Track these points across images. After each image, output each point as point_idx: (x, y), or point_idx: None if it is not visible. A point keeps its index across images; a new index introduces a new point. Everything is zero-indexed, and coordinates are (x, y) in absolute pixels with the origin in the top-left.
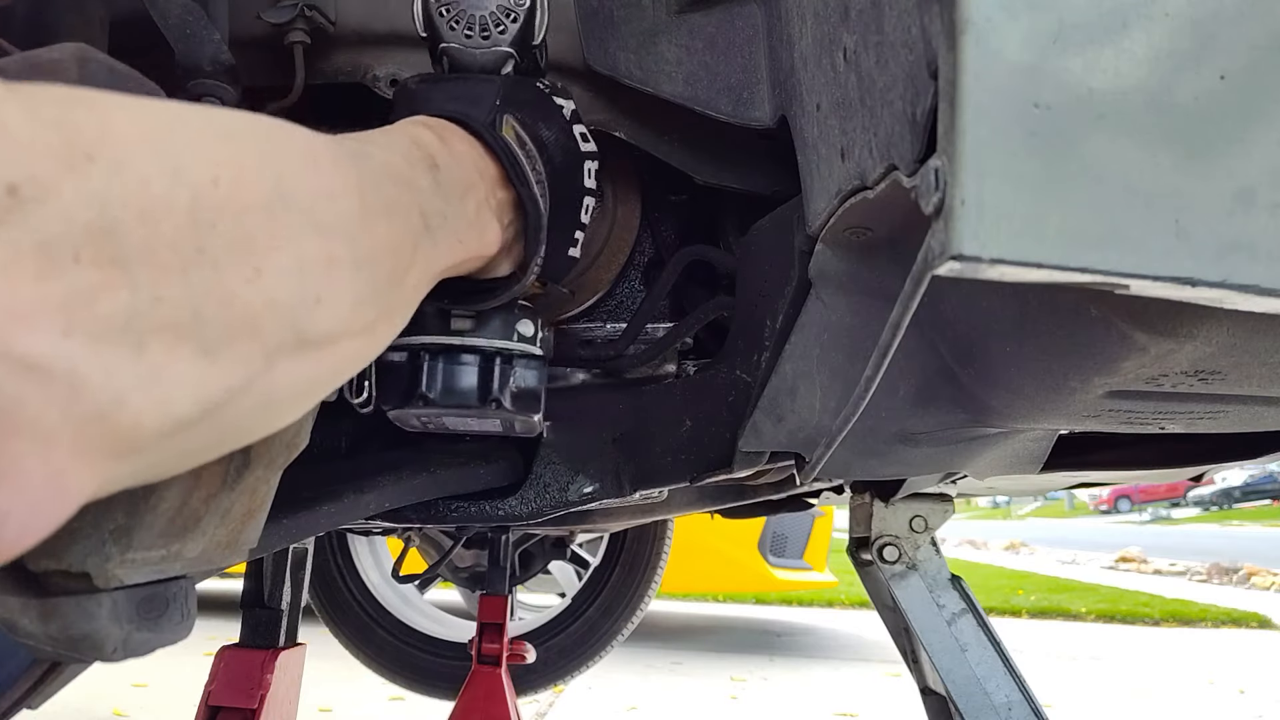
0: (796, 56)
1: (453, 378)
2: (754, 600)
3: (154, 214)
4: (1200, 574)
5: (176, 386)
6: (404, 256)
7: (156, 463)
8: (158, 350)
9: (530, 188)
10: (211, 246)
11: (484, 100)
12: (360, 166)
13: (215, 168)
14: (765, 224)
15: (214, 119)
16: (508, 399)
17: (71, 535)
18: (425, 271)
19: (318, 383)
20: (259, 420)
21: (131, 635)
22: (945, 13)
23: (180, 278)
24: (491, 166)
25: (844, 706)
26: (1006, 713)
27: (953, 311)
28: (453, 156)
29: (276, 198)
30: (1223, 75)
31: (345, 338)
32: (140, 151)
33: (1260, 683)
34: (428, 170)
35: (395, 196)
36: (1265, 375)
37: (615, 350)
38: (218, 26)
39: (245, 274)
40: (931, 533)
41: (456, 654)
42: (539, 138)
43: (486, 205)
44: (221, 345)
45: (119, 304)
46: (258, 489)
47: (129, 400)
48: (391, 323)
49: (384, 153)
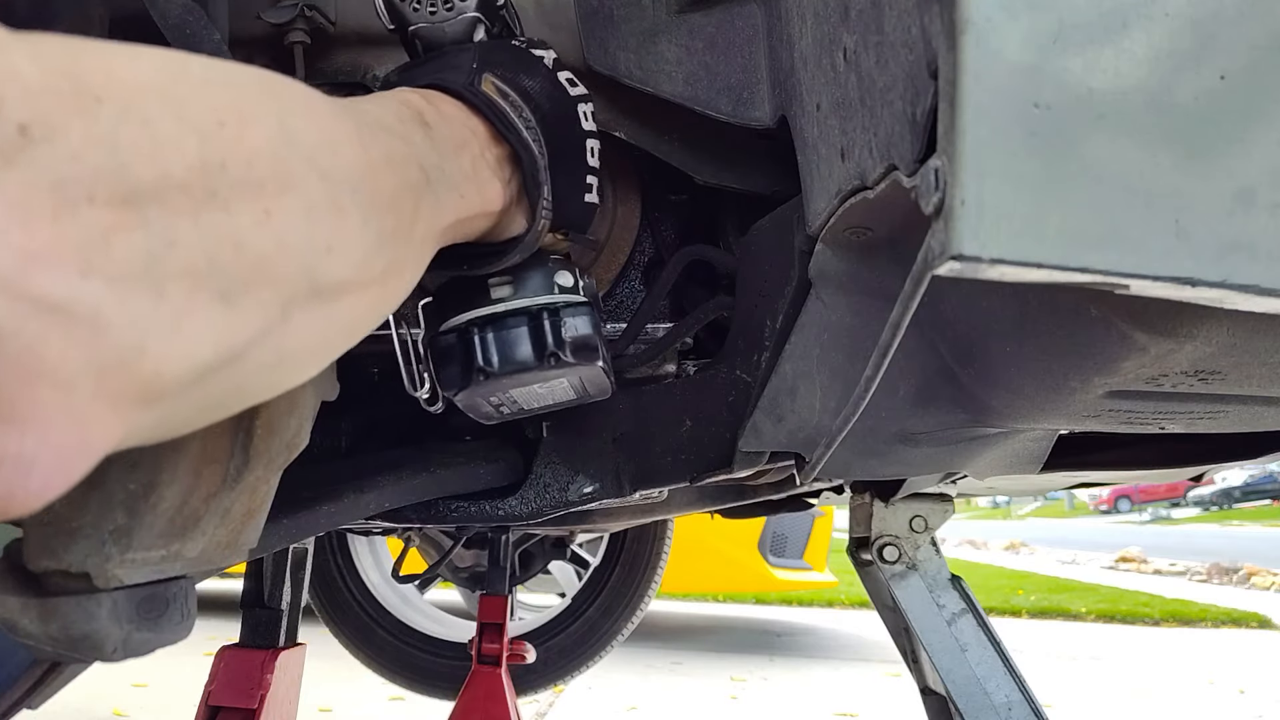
0: (796, 56)
1: (506, 343)
2: (754, 600)
3: (163, 156)
4: (1200, 574)
5: (198, 332)
6: (407, 208)
7: (175, 415)
8: (177, 295)
9: (519, 133)
10: (221, 189)
11: (462, 65)
12: (358, 119)
13: (220, 111)
14: (765, 224)
15: (217, 67)
16: (566, 351)
17: (71, 535)
18: (431, 226)
19: (332, 337)
20: (275, 375)
21: (131, 635)
22: (945, 13)
23: (193, 221)
24: (480, 124)
25: (844, 706)
26: (1006, 713)
27: (953, 311)
28: (441, 116)
29: (282, 142)
30: (1223, 75)
31: (357, 288)
32: (147, 95)
33: (1260, 683)
34: (419, 127)
35: (394, 148)
36: (1265, 375)
37: (615, 350)
38: (218, 26)
39: (256, 217)
40: (931, 533)
41: (456, 654)
42: (522, 88)
43: (483, 161)
44: (238, 291)
45: (136, 246)
46: (258, 489)
47: (151, 345)
48: (402, 277)
49: (376, 108)
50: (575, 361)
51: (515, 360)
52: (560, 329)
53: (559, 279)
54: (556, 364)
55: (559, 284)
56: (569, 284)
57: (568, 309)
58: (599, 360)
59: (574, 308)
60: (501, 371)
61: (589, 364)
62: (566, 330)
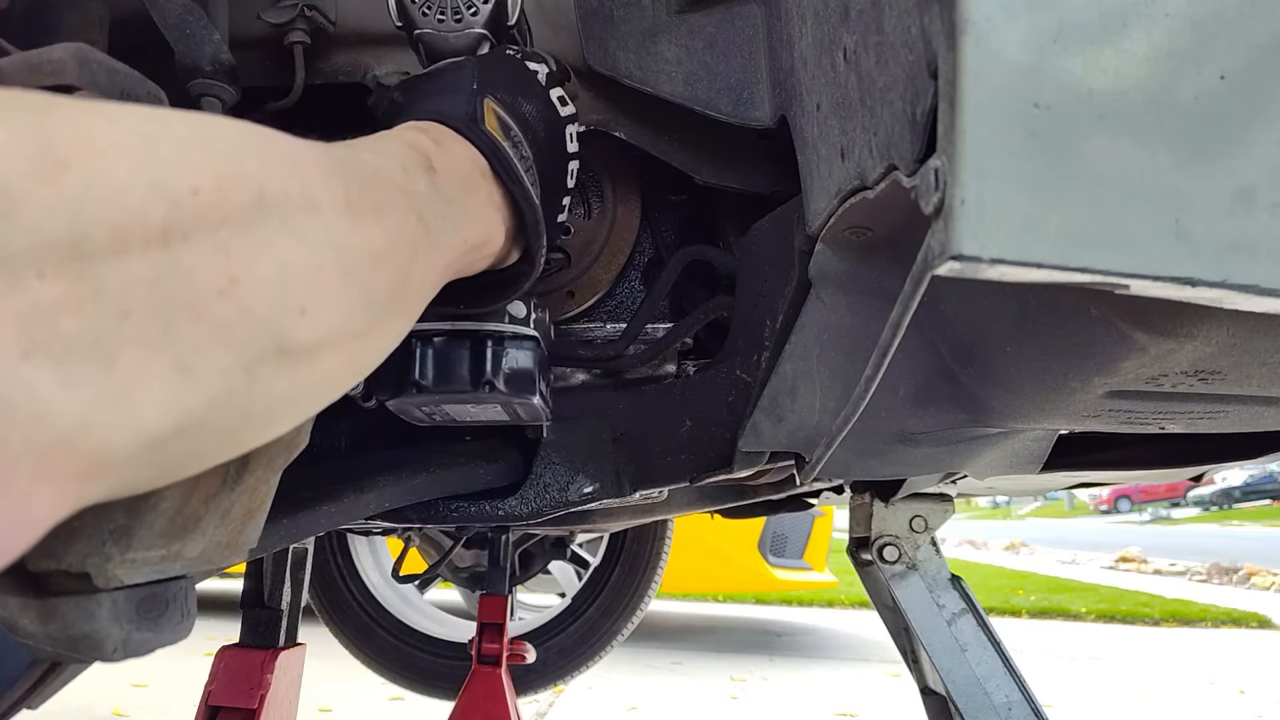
0: (796, 56)
1: (444, 363)
2: (754, 600)
3: (127, 225)
4: (1200, 574)
5: (148, 403)
6: (400, 261)
7: (135, 477)
8: (127, 367)
9: (522, 184)
10: (185, 258)
11: (461, 88)
12: (349, 175)
13: (196, 177)
14: (765, 224)
15: (198, 127)
16: (500, 381)
17: (71, 535)
18: (428, 273)
19: (309, 392)
20: (250, 431)
21: (131, 635)
22: (945, 13)
23: (149, 290)
24: (486, 164)
25: (844, 706)
26: (1006, 713)
27: (953, 311)
28: (449, 157)
29: (258, 208)
30: (1223, 75)
31: (335, 345)
32: (119, 160)
33: (1260, 683)
34: (424, 173)
35: (388, 202)
36: (1265, 375)
37: (615, 350)
38: (218, 26)
39: (219, 284)
40: (931, 533)
41: (456, 654)
42: (521, 115)
43: (490, 201)
44: (195, 359)
45: (85, 320)
46: (258, 489)
47: (96, 421)
48: (389, 328)
49: (377, 159)
50: (508, 393)
51: (450, 381)
52: (501, 359)
53: (511, 308)
54: (490, 392)
55: (510, 313)
56: (520, 315)
57: (513, 340)
58: (534, 395)
59: (519, 340)
60: (435, 389)
61: (522, 397)
62: (507, 361)
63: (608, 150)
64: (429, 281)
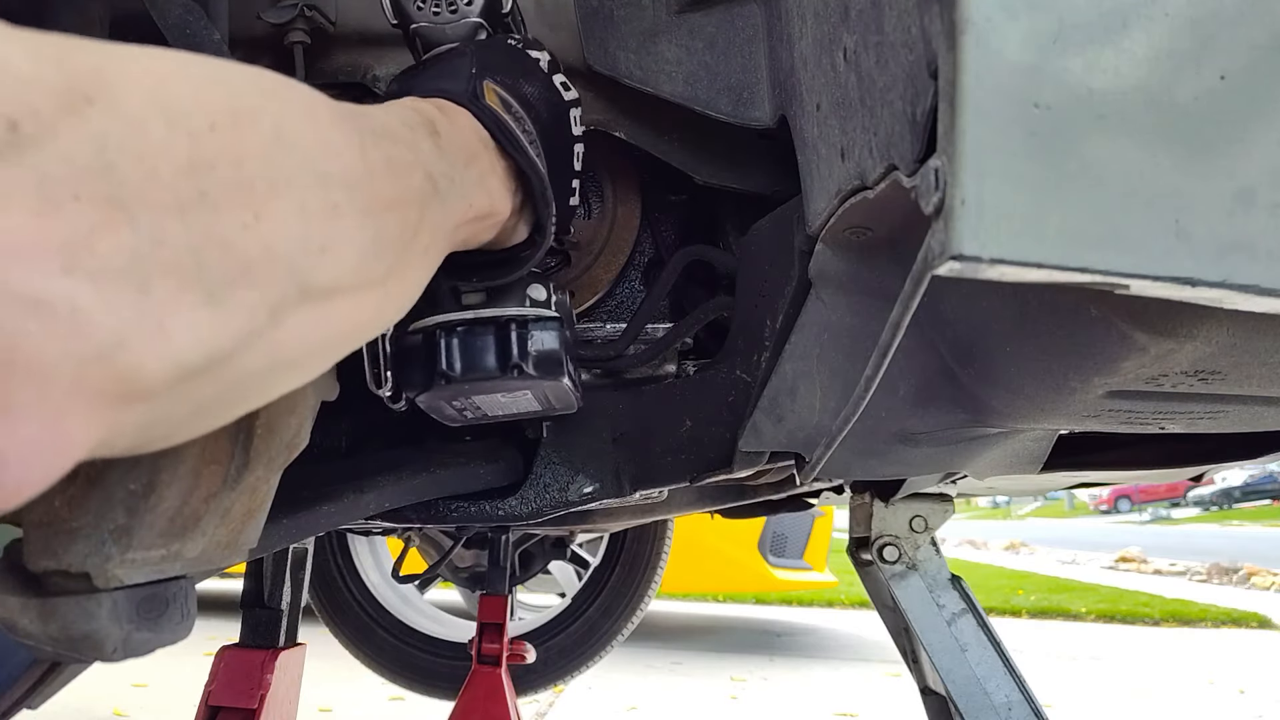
0: (796, 56)
1: (470, 350)
2: (754, 600)
3: (152, 156)
4: (1200, 574)
5: (181, 331)
6: (411, 213)
7: (162, 418)
8: (161, 293)
9: (527, 154)
10: (210, 190)
11: (460, 71)
12: (360, 124)
13: (213, 114)
14: (765, 224)
15: (214, 68)
16: (529, 364)
17: (71, 535)
18: (436, 233)
19: (331, 338)
20: (269, 379)
21: (131, 635)
22: (945, 13)
23: (179, 220)
24: (489, 138)
25: (844, 706)
26: (1006, 713)
27: (953, 311)
28: (454, 126)
29: (276, 145)
30: (1223, 75)
31: (355, 290)
32: (138, 96)
33: (1260, 683)
34: (428, 135)
35: (397, 155)
36: (1265, 375)
37: (615, 350)
38: (218, 26)
39: (244, 219)
40: (931, 533)
41: (456, 654)
42: (523, 96)
43: (492, 173)
44: (225, 292)
45: (120, 244)
46: (258, 489)
47: (132, 342)
48: (405, 282)
49: (383, 115)
50: (538, 375)
51: (478, 368)
52: (526, 342)
53: (532, 291)
54: (519, 376)
55: (531, 296)
56: (541, 298)
57: (536, 323)
58: (563, 376)
59: (543, 322)
60: (463, 378)
61: (552, 379)
62: (532, 344)
63: (608, 150)
64: (438, 243)
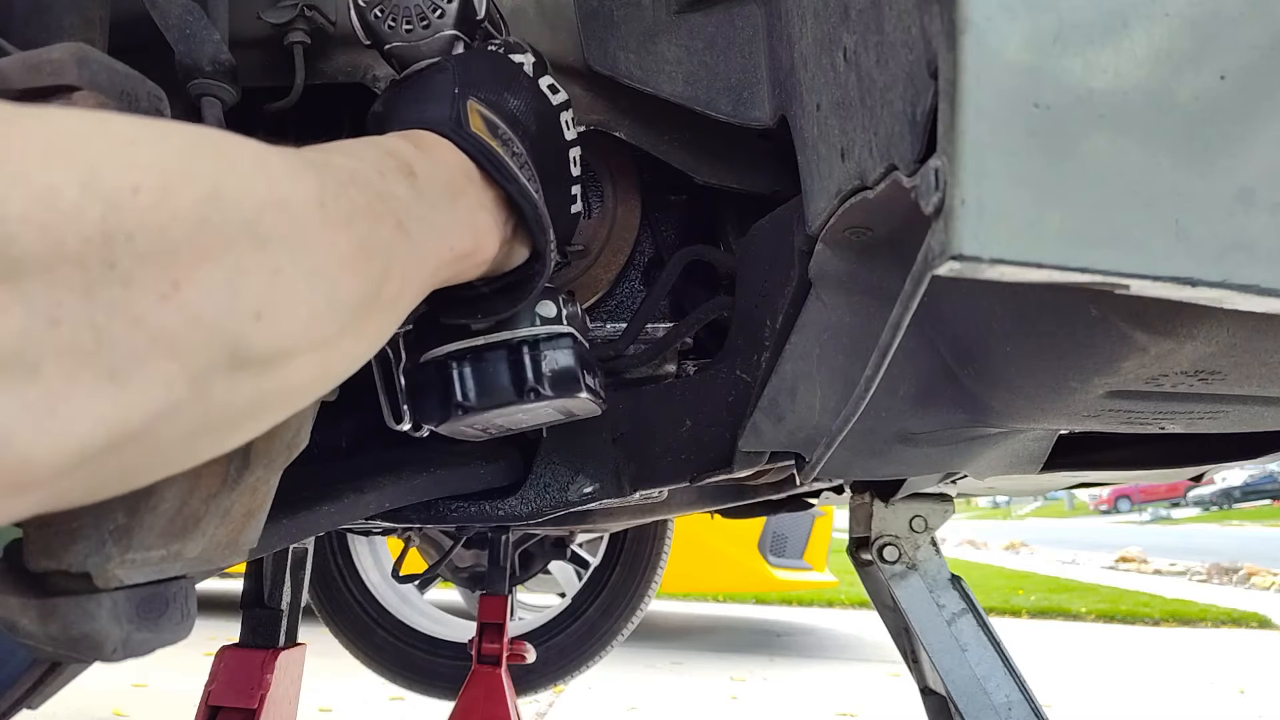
0: (796, 56)
1: (484, 378)
2: (754, 600)
3: (58, 227)
4: (1200, 574)
5: (77, 416)
6: (374, 265)
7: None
8: (53, 377)
9: (517, 181)
10: (123, 261)
11: (442, 93)
12: (322, 175)
13: (137, 175)
14: (765, 224)
15: (145, 127)
16: (546, 385)
17: (71, 535)
18: (407, 281)
19: (270, 402)
20: (208, 442)
21: (131, 635)
22: (945, 13)
23: (82, 296)
24: (475, 169)
25: (844, 706)
26: (1006, 713)
27: (953, 311)
28: (433, 163)
29: (210, 207)
30: (1223, 75)
31: (300, 353)
32: (48, 160)
33: (1260, 683)
34: (403, 178)
35: (363, 205)
36: (1265, 375)
37: (615, 350)
38: (218, 26)
39: (161, 289)
40: (931, 533)
41: (456, 654)
42: (508, 112)
43: (479, 205)
44: (133, 368)
45: (9, 328)
46: (258, 489)
47: (17, 434)
48: (362, 336)
49: (351, 161)
50: (554, 395)
51: (494, 395)
52: (540, 362)
53: (540, 309)
54: (536, 398)
55: (540, 315)
56: (551, 314)
57: (549, 341)
58: (581, 391)
59: (555, 340)
60: (480, 406)
61: (571, 395)
62: (546, 364)
63: (608, 150)
64: (409, 290)
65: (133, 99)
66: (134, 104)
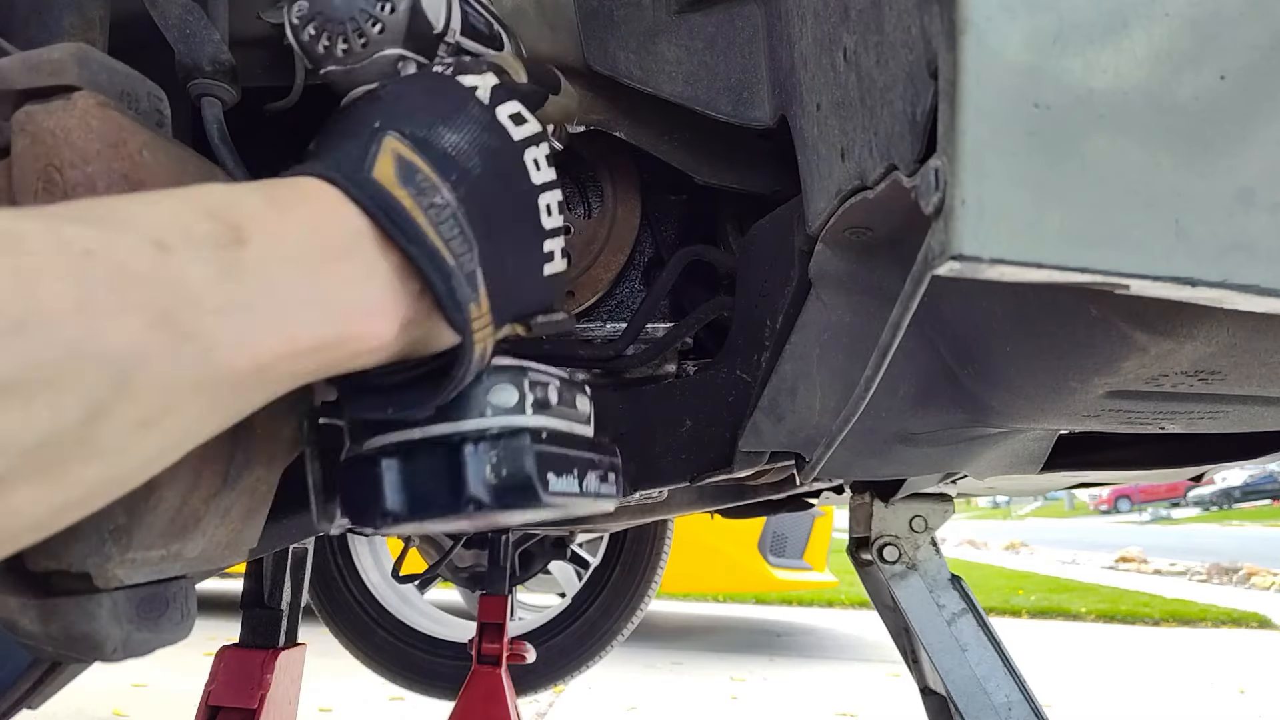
0: (796, 56)
1: (414, 482)
2: (754, 600)
3: None
4: (1200, 574)
5: None
6: (101, 375)
7: None
8: None
9: (424, 244)
10: None
11: (360, 128)
12: (19, 263)
13: None
14: (765, 224)
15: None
16: (489, 494)
17: (72, 535)
18: (176, 393)
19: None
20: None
21: (131, 635)
22: (945, 13)
23: None
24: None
25: (844, 706)
26: (1006, 713)
27: (953, 311)
28: (289, 224)
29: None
30: (1223, 75)
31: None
32: None
33: (1260, 683)
34: (213, 251)
35: (89, 298)
36: (1265, 375)
37: (615, 350)
38: (218, 26)
39: None
40: (931, 533)
41: (456, 654)
42: (439, 151)
43: (369, 276)
44: None
45: None
46: (257, 489)
47: None
48: (107, 462)
49: (108, 234)
50: (499, 507)
51: (425, 504)
52: (483, 466)
53: (493, 397)
54: (477, 511)
55: (492, 404)
56: (508, 403)
57: (499, 439)
58: (540, 499)
59: (509, 437)
60: (410, 517)
61: (523, 508)
62: (491, 471)
63: (608, 150)
64: (189, 406)
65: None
66: (134, 104)
